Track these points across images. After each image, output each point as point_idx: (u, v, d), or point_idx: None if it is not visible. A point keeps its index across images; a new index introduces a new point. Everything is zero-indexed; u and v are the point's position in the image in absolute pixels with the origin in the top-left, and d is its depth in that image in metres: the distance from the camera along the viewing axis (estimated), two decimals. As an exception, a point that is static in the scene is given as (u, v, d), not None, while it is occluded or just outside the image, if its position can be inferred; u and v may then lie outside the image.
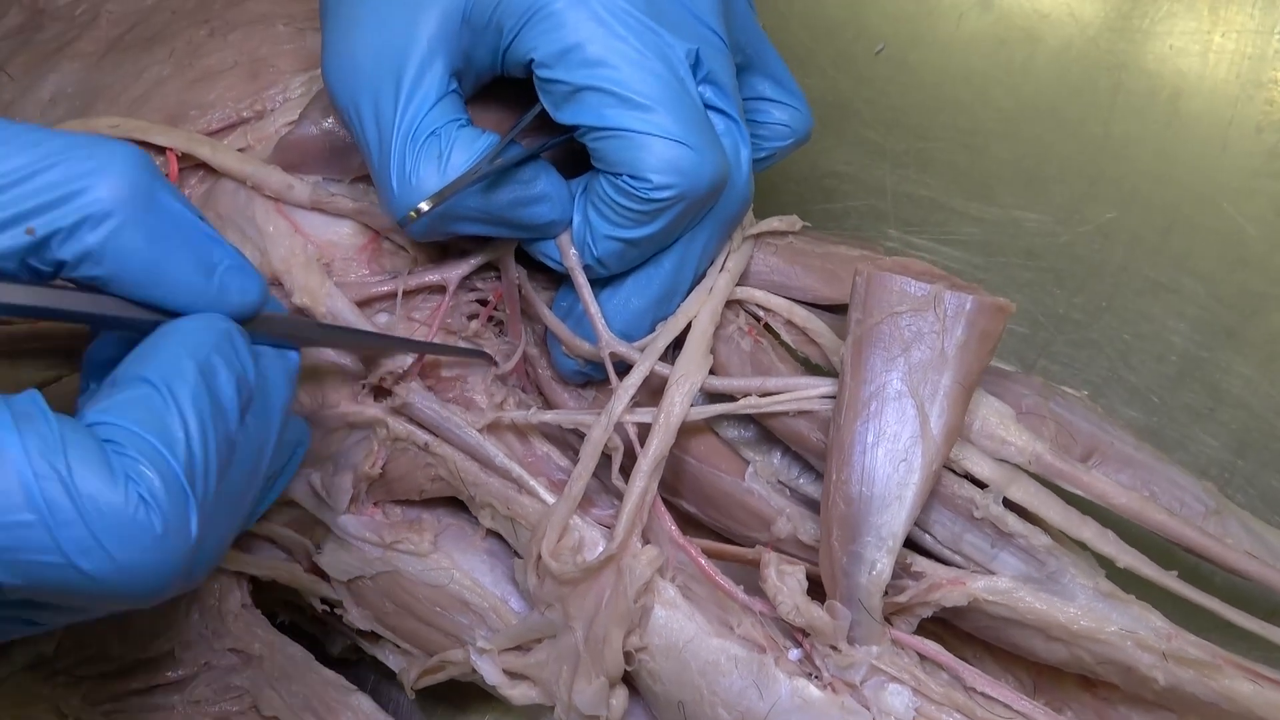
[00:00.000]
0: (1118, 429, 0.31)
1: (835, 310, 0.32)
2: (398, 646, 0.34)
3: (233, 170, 0.34)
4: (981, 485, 0.29)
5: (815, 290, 0.33)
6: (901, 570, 0.28)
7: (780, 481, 0.31)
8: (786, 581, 0.28)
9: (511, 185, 0.30)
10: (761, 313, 0.32)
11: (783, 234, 0.33)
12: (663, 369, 0.31)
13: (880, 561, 0.27)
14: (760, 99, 0.35)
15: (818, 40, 0.48)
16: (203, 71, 0.37)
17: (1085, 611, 0.27)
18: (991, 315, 0.28)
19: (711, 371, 0.30)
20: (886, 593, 0.28)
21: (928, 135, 0.46)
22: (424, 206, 0.28)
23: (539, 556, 0.30)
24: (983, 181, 0.44)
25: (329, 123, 0.33)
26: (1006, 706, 0.27)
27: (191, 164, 0.35)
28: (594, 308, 0.31)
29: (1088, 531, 0.28)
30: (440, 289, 0.32)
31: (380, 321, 0.32)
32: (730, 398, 0.31)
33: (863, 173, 0.45)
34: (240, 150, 0.35)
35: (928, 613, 0.28)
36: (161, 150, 0.35)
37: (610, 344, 0.31)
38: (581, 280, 0.31)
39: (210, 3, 0.40)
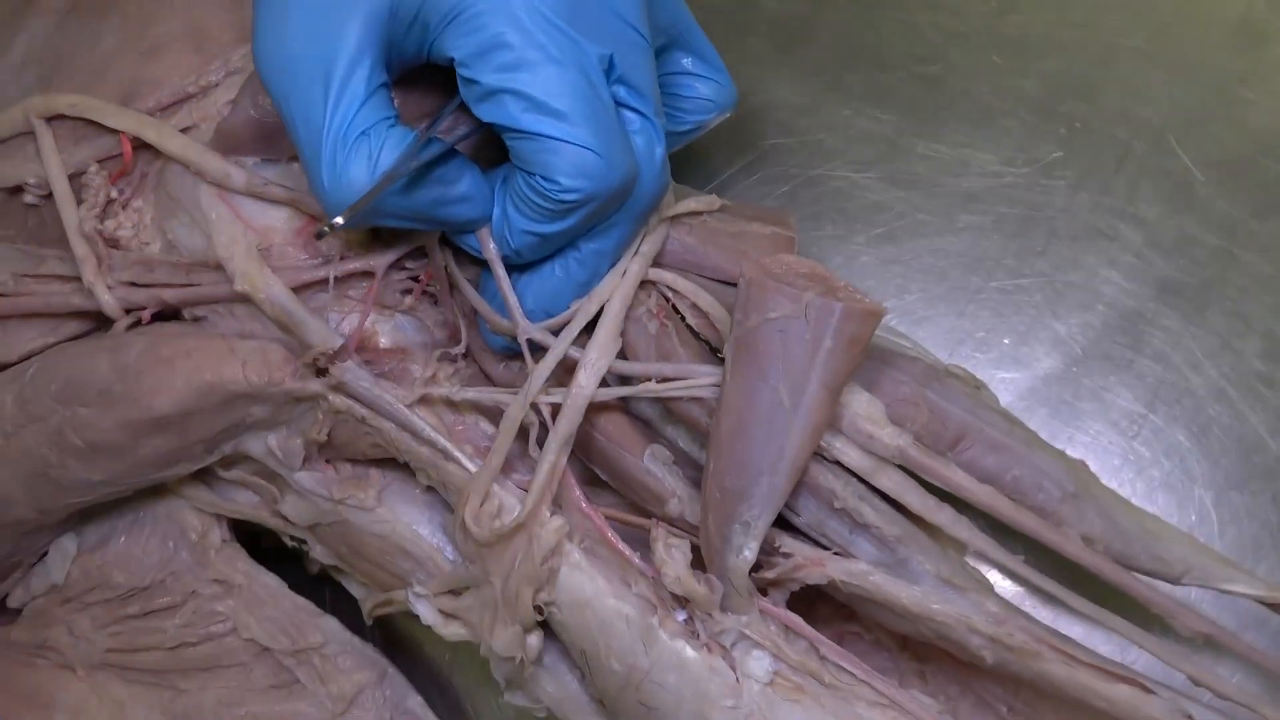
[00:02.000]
0: (990, 414, 0.33)
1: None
2: (359, 579, 0.39)
3: (176, 156, 0.36)
4: (852, 472, 0.31)
5: (724, 269, 0.34)
6: (770, 549, 0.31)
7: (676, 463, 0.34)
8: (672, 554, 0.32)
9: (433, 185, 0.31)
10: (671, 294, 0.34)
11: (697, 213, 0.35)
12: (575, 352, 0.33)
13: (747, 548, 0.30)
14: (684, 74, 0.36)
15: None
16: (152, 43, 0.39)
17: (927, 594, 0.30)
18: (860, 321, 0.30)
19: (621, 353, 0.33)
20: (759, 568, 0.31)
21: (885, 65, 0.45)
22: (339, 220, 0.30)
23: (462, 520, 0.34)
24: (935, 115, 0.44)
25: (264, 104, 0.35)
26: (852, 675, 0.30)
27: (144, 143, 0.37)
28: (512, 299, 0.33)
29: (943, 517, 0.31)
30: (371, 273, 0.35)
31: (319, 301, 0.35)
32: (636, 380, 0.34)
33: (819, 105, 0.45)
34: (186, 129, 0.37)
35: (795, 587, 0.32)
36: (115, 132, 0.37)
37: (527, 330, 0.33)
38: (500, 273, 0.33)
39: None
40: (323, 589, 0.41)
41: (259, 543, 0.41)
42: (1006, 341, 0.41)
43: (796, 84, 0.46)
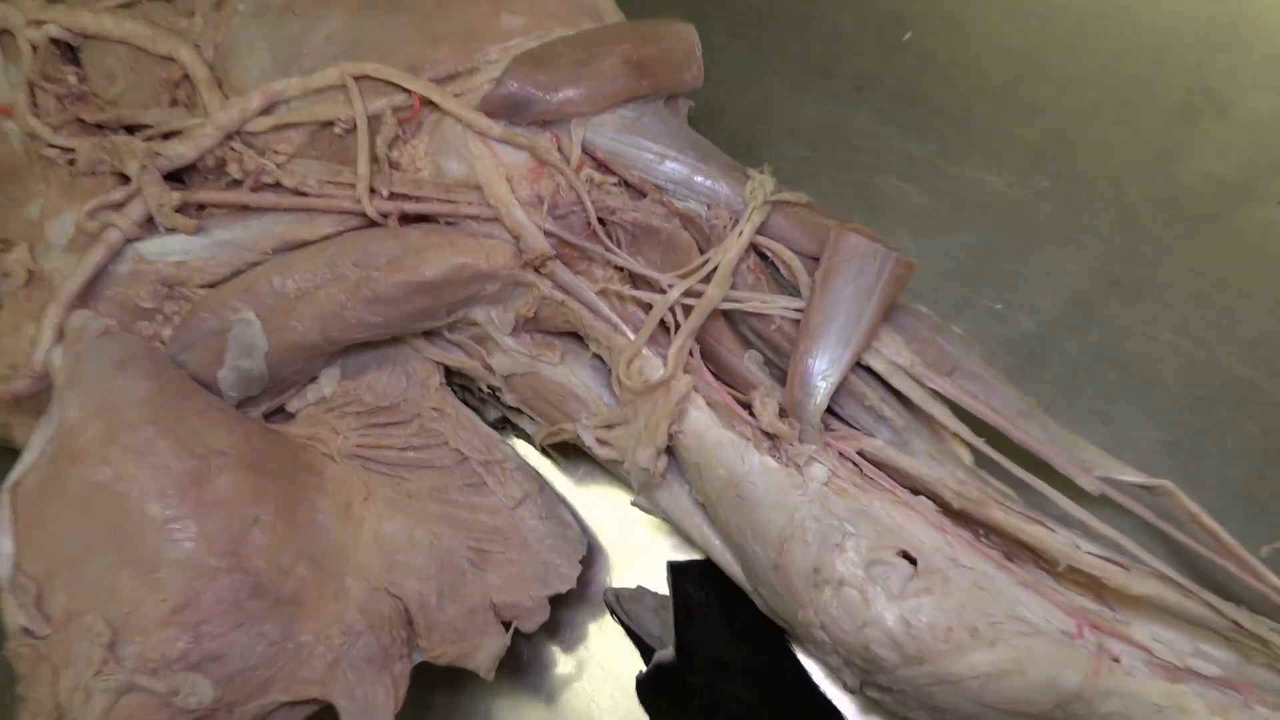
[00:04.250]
0: (974, 358, 0.50)
1: (812, 258, 0.51)
2: (532, 419, 0.56)
3: (454, 113, 0.53)
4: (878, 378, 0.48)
5: (803, 244, 0.51)
6: (824, 427, 0.48)
7: (764, 365, 0.51)
8: (766, 405, 0.48)
9: None
10: (768, 252, 0.51)
11: (792, 204, 0.51)
12: (699, 287, 0.50)
13: (819, 395, 0.47)
14: None
15: (863, 26, 0.65)
16: (432, 35, 0.55)
17: (919, 463, 0.47)
18: (905, 266, 0.47)
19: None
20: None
21: (931, 107, 0.63)
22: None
23: (619, 375, 0.50)
24: (963, 147, 0.62)
25: (514, 86, 0.52)
26: (883, 487, 0.47)
27: (427, 102, 0.54)
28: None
29: (935, 409, 0.48)
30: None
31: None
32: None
33: (877, 135, 0.63)
34: (457, 95, 0.54)
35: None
36: (408, 91, 0.54)
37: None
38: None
39: (435, -24, 0.58)
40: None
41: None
42: (999, 307, 0.58)
43: (864, 120, 0.63)
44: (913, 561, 0.45)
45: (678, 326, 0.50)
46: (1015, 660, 0.43)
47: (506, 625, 0.51)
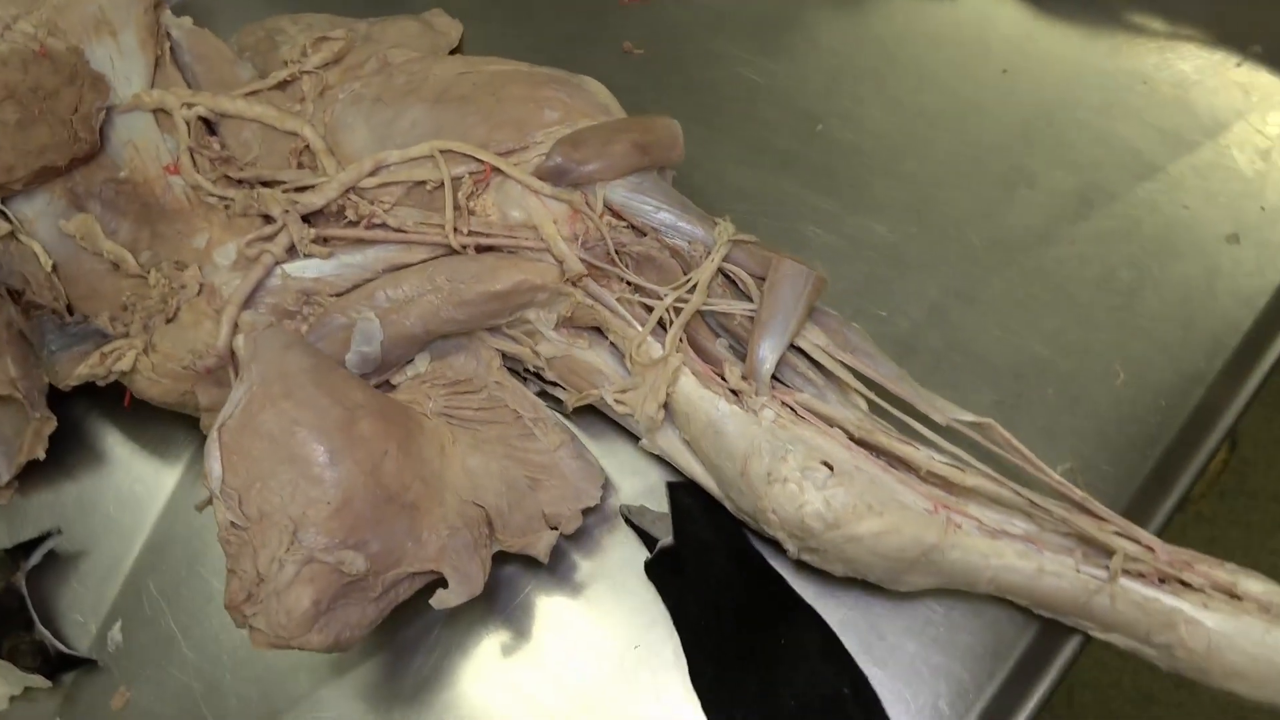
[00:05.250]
0: (868, 343, 0.75)
1: (760, 278, 0.76)
2: (564, 390, 0.79)
3: (515, 177, 0.77)
4: (804, 354, 0.73)
5: (753, 268, 0.76)
6: (771, 386, 0.73)
7: (730, 348, 0.76)
8: (733, 373, 0.73)
9: None
10: (730, 273, 0.76)
11: (746, 241, 0.77)
12: (685, 296, 0.75)
13: (768, 362, 0.72)
14: None
15: (786, 119, 0.91)
16: (495, 123, 0.79)
17: (833, 408, 0.72)
18: (821, 282, 0.72)
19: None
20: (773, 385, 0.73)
21: (835, 177, 0.89)
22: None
23: (631, 355, 0.75)
24: (857, 204, 0.88)
25: (558, 160, 0.76)
26: (813, 425, 0.72)
27: (495, 169, 0.78)
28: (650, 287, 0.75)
29: (842, 374, 0.73)
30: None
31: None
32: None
33: (798, 196, 0.89)
34: (516, 165, 0.78)
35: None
36: (481, 162, 0.78)
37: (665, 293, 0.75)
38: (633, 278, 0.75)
39: (491, 82, 0.82)
40: (531, 404, 0.81)
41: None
42: (884, 314, 0.84)
43: (789, 186, 0.89)
44: (831, 468, 0.69)
45: (671, 322, 0.75)
46: (894, 525, 0.68)
47: (553, 528, 0.74)
